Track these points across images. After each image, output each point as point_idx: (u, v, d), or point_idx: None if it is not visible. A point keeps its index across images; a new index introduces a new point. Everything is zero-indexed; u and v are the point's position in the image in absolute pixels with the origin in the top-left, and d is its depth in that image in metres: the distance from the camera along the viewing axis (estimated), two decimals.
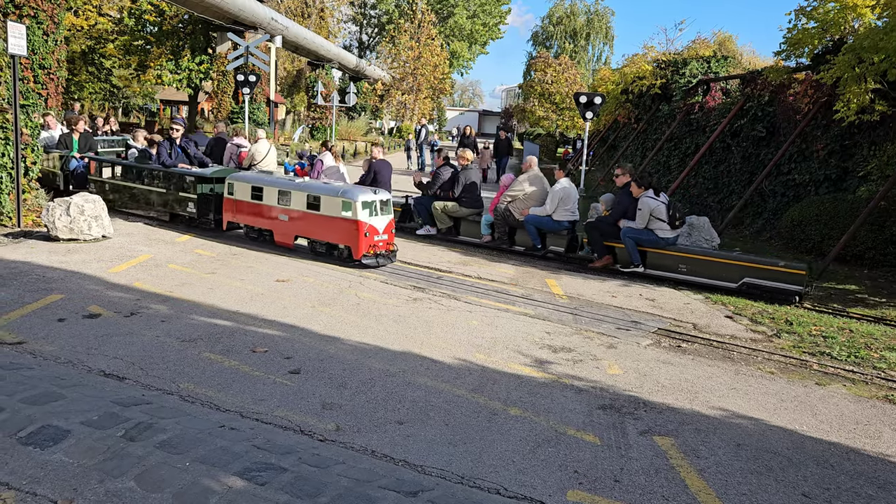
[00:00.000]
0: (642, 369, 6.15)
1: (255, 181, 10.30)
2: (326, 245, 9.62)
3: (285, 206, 9.83)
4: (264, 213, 10.14)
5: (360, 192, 9.28)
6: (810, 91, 13.92)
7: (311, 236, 9.78)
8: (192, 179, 11.01)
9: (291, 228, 9.90)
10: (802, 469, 4.39)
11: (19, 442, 3.74)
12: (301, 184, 9.86)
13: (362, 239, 9.21)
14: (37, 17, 11.23)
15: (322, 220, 9.49)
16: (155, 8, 32.43)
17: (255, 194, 10.19)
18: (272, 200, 9.98)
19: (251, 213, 10.33)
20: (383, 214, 9.41)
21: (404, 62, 49.96)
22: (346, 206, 9.19)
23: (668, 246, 9.70)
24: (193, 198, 10.99)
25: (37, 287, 7.26)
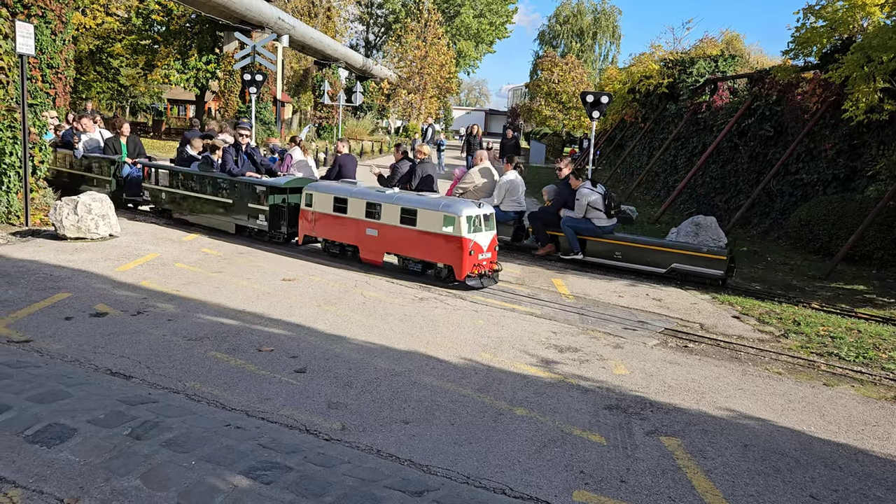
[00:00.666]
0: (649, 369, 6.13)
1: (338, 192, 9.47)
2: (422, 263, 8.86)
3: (374, 220, 9.01)
4: (349, 227, 9.35)
5: (463, 206, 8.40)
6: (818, 90, 13.85)
7: (403, 253, 9.00)
8: (262, 189, 10.30)
9: (381, 244, 9.09)
10: (810, 470, 4.37)
11: (26, 440, 3.75)
12: (394, 196, 9.02)
13: (466, 258, 8.33)
14: (45, 17, 11.28)
15: (418, 236, 8.66)
16: (162, 7, 32.54)
17: (338, 206, 9.39)
18: (359, 213, 9.17)
19: (333, 226, 9.56)
20: (487, 230, 8.60)
21: (411, 61, 49.96)
22: (447, 220, 8.36)
23: (605, 234, 10.40)
24: (264, 209, 10.29)
25: (44, 285, 7.28)
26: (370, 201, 9.10)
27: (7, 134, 10.01)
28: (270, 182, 10.32)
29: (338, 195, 9.43)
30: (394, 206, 8.86)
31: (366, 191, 9.44)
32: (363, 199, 9.17)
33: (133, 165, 12.51)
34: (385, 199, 8.98)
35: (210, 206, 11.03)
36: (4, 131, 9.98)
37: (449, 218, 8.36)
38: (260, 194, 10.35)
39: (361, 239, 9.27)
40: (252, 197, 10.46)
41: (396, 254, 9.12)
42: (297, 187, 10.25)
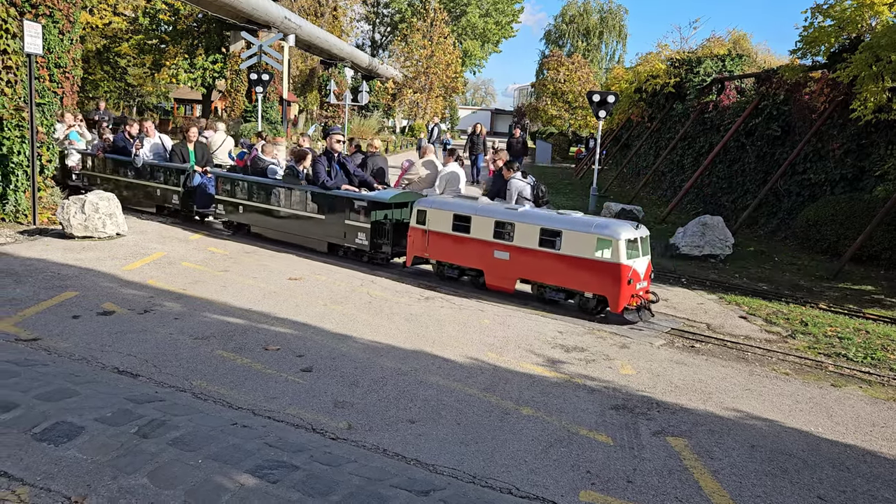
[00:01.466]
0: (655, 369, 6.11)
1: (460, 209, 8.46)
2: (565, 292, 7.86)
3: (505, 242, 8.00)
4: (472, 248, 8.34)
5: (621, 228, 7.44)
6: (826, 90, 13.79)
7: (541, 280, 7.92)
8: (362, 205, 9.32)
9: (513, 269, 8.05)
10: (818, 471, 4.35)
11: (34, 438, 3.77)
12: (531, 214, 8.08)
13: (624, 288, 7.29)
14: (52, 16, 11.30)
15: (562, 262, 7.61)
16: (169, 7, 32.63)
17: (458, 225, 8.40)
18: (485, 233, 8.17)
19: (451, 248, 8.55)
20: (643, 254, 7.61)
21: (417, 61, 49.93)
22: (602, 244, 7.34)
23: None
24: (364, 227, 9.32)
25: (52, 284, 7.31)
26: (500, 220, 8.08)
27: (15, 133, 10.05)
28: (373, 196, 9.36)
29: (459, 212, 8.44)
30: (531, 227, 7.84)
31: (494, 208, 8.51)
32: (491, 218, 8.16)
33: (203, 174, 11.54)
34: (520, 218, 7.98)
35: (297, 222, 10.07)
36: (12, 130, 10.02)
37: (604, 241, 7.34)
38: (359, 210, 9.35)
39: (488, 263, 8.24)
40: (349, 213, 9.45)
41: (532, 281, 8.06)
42: (403, 202, 9.41)
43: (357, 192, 9.53)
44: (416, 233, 8.83)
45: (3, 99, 9.91)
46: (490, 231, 8.14)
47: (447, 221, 8.52)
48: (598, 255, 7.39)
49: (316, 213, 9.85)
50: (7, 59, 9.82)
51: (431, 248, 8.74)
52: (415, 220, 8.82)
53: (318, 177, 9.66)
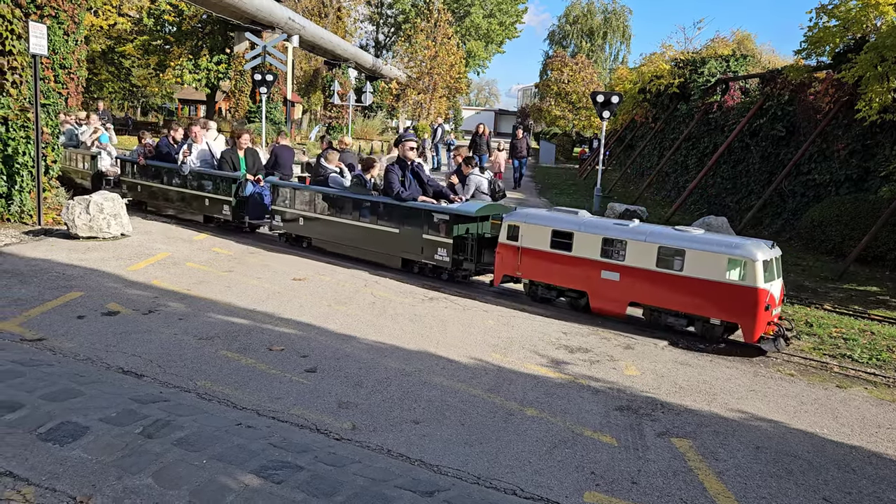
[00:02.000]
0: (660, 370, 6.10)
1: (559, 223, 7.76)
2: (686, 318, 7.07)
3: (615, 261, 7.28)
4: (573, 267, 7.61)
5: (756, 248, 6.64)
6: (831, 90, 13.76)
7: (658, 304, 7.17)
8: (443, 218, 8.63)
9: (624, 292, 7.31)
10: (823, 473, 4.34)
11: (39, 438, 3.78)
12: (646, 230, 7.30)
13: (761, 315, 6.51)
14: (57, 18, 11.32)
15: (685, 284, 6.86)
16: (174, 8, 32.70)
17: (558, 241, 7.68)
18: (590, 251, 7.44)
19: (548, 266, 7.83)
20: (778, 277, 6.90)
21: (420, 61, 49.93)
22: (734, 265, 6.60)
23: None
24: (445, 242, 8.62)
25: (57, 284, 7.33)
26: (609, 237, 7.36)
27: (20, 134, 10.08)
28: (456, 209, 8.65)
29: (559, 227, 7.70)
30: (646, 245, 7.09)
31: (601, 223, 7.80)
32: (598, 235, 7.42)
33: (256, 183, 11.04)
34: (633, 235, 7.25)
35: (366, 236, 9.44)
36: (17, 131, 10.05)
37: (737, 262, 6.58)
38: (439, 223, 8.66)
39: (593, 284, 7.50)
40: (428, 227, 8.77)
41: (646, 305, 7.33)
42: (487, 216, 8.84)
43: (435, 203, 8.87)
44: (507, 250, 8.11)
45: (8, 100, 9.94)
46: (596, 249, 7.40)
47: (544, 237, 7.78)
48: (730, 277, 6.62)
49: (389, 226, 9.19)
50: (12, 59, 9.85)
51: (524, 266, 8.02)
52: (505, 235, 8.12)
53: (392, 187, 8.97)
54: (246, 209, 11.03)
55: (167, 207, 12.18)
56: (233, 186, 10.93)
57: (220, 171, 11.17)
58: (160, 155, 12.17)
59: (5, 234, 9.53)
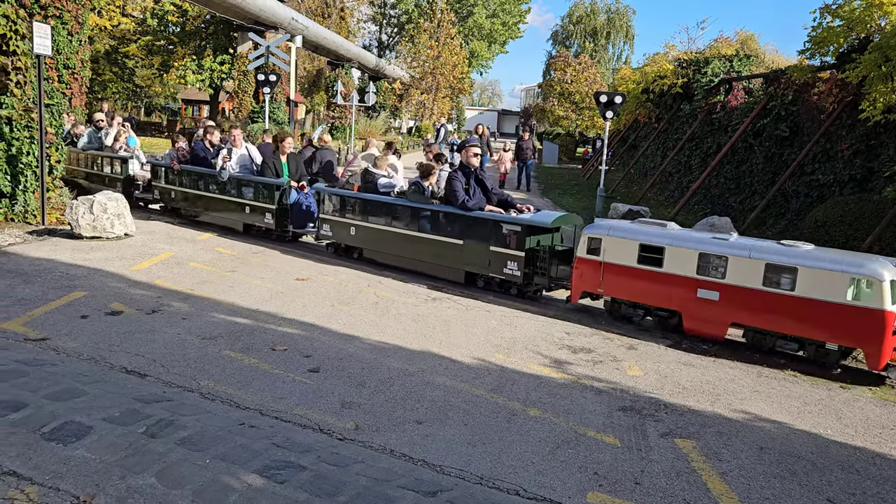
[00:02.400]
0: (663, 371, 6.09)
1: (647, 237, 7.21)
2: (797, 342, 6.52)
3: (713, 279, 6.72)
4: (664, 285, 7.06)
5: (882, 267, 6.06)
6: (835, 90, 13.72)
7: (764, 326, 6.61)
8: (515, 229, 8.07)
9: (724, 312, 6.73)
10: (827, 474, 4.33)
11: (43, 437, 3.78)
12: (750, 245, 6.73)
13: (888, 340, 5.95)
14: (61, 18, 11.35)
15: (797, 305, 6.31)
16: (178, 8, 32.77)
17: (646, 256, 7.15)
18: (684, 267, 6.89)
19: (634, 283, 7.29)
20: None
21: (423, 61, 49.99)
22: (856, 284, 6.03)
23: None
24: (516, 255, 8.04)
25: (60, 284, 7.34)
26: (707, 252, 6.79)
27: (24, 134, 10.10)
28: (529, 220, 8.06)
29: (648, 241, 7.16)
30: (751, 262, 6.54)
31: (695, 236, 7.25)
32: (693, 249, 6.88)
33: (300, 190, 10.60)
34: (735, 251, 6.67)
35: (425, 248, 8.90)
36: (22, 131, 10.07)
37: (860, 281, 6.01)
38: (509, 235, 8.13)
39: (687, 303, 6.95)
40: (497, 238, 8.23)
41: (750, 326, 6.76)
42: (558, 227, 8.33)
43: (503, 213, 8.32)
44: (587, 264, 7.57)
45: (12, 100, 9.97)
46: (692, 265, 6.85)
47: (630, 252, 7.24)
48: (851, 298, 6.06)
49: (452, 237, 8.65)
50: (16, 60, 9.88)
51: (607, 282, 7.46)
52: (585, 249, 7.58)
53: (456, 196, 8.44)
54: (290, 217, 10.59)
55: (203, 215, 11.68)
56: (276, 193, 10.45)
57: (262, 178, 10.67)
58: (196, 159, 11.70)
59: (9, 233, 9.56)
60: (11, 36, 9.71)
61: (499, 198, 8.64)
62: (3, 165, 9.95)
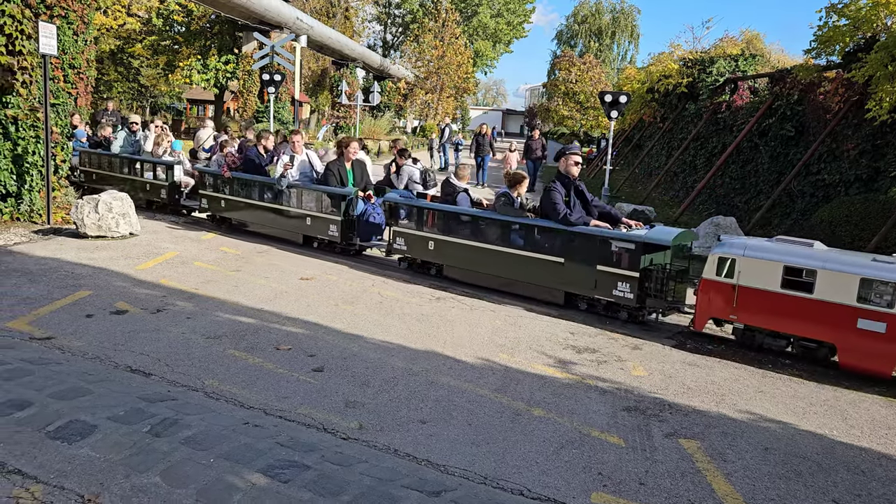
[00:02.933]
0: (667, 371, 6.08)
1: (793, 257, 6.43)
2: None
3: (879, 308, 5.90)
4: (815, 313, 6.26)
5: None
6: (841, 90, 13.68)
7: None
8: (627, 247, 7.31)
9: (892, 346, 5.91)
10: (832, 475, 4.31)
11: (47, 436, 3.79)
12: None
13: None
14: (67, 18, 11.38)
15: None
16: (183, 8, 32.83)
17: (791, 280, 6.37)
18: (841, 294, 6.08)
19: (777, 309, 6.50)
20: None
21: (428, 61, 49.98)
22: None
23: None
24: (630, 275, 7.27)
25: (65, 283, 7.36)
26: (870, 277, 5.96)
27: (30, 133, 10.14)
28: (646, 237, 7.26)
29: (795, 263, 6.38)
30: None
31: (854, 259, 6.41)
32: (853, 274, 6.04)
33: (368, 200, 9.96)
34: None
35: (520, 266, 8.11)
36: (27, 131, 10.11)
37: None
38: (620, 253, 7.35)
39: (845, 335, 6.13)
40: (605, 256, 7.44)
41: None
42: (683, 244, 7.52)
43: (611, 229, 7.54)
44: (717, 288, 6.82)
45: (18, 99, 10.00)
46: (851, 292, 6.03)
47: (773, 275, 6.44)
48: None
49: (550, 254, 7.86)
50: (22, 59, 9.91)
51: (742, 308, 6.69)
52: (714, 270, 6.83)
53: (557, 209, 7.70)
54: (356, 229, 9.88)
55: (257, 225, 10.99)
56: (342, 204, 9.72)
57: (326, 187, 9.89)
58: (248, 166, 10.95)
59: (15, 232, 9.59)
60: (17, 36, 9.73)
61: (600, 210, 7.90)
62: (9, 165, 9.99)
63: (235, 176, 10.96)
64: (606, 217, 7.85)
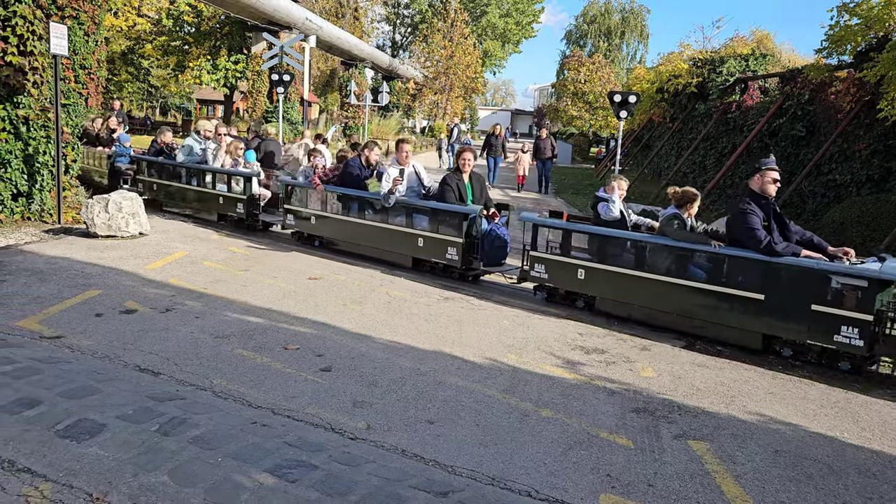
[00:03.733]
0: (676, 372, 6.05)
1: None
2: None
3: None
4: None
5: None
6: (852, 89, 13.58)
7: None
8: (855, 283, 6.09)
9: None
10: (843, 477, 4.27)
11: (57, 435, 3.81)
12: None
13: None
14: (78, 18, 11.45)
15: None
16: (193, 9, 32.98)
17: None
18: None
19: None
20: None
21: (437, 61, 50.04)
22: None
23: None
24: (861, 319, 6.05)
25: (76, 282, 7.40)
26: None
27: (41, 133, 10.20)
28: (879, 273, 5.98)
29: None
30: None
31: None
32: None
33: (492, 220, 8.89)
34: None
35: (701, 301, 7.00)
36: (38, 131, 10.17)
37: None
38: (843, 291, 6.17)
39: None
40: (821, 294, 6.25)
41: None
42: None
43: (825, 260, 6.31)
44: None
45: (29, 100, 10.06)
46: None
47: None
48: None
49: (743, 289, 6.70)
50: (33, 60, 9.97)
51: None
52: None
53: (757, 235, 6.49)
54: (479, 252, 8.78)
55: (356, 245, 9.98)
56: (464, 224, 8.63)
57: (445, 204, 8.76)
58: (348, 179, 9.84)
59: (25, 232, 9.64)
60: (28, 36, 9.79)
61: (799, 237, 6.73)
62: (21, 165, 10.04)
63: (332, 190, 9.99)
64: (809, 245, 6.61)
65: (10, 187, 9.98)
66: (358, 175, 9.78)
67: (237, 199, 11.43)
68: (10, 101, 9.85)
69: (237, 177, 11.47)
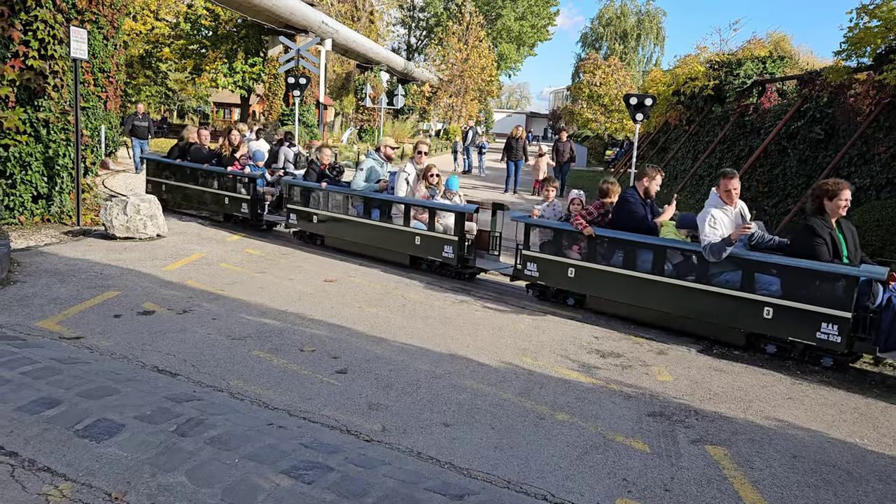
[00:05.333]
0: (693, 376, 6.00)
1: None
2: None
3: None
4: None
5: None
6: (872, 92, 13.43)
7: None
8: None
9: None
10: (863, 484, 4.22)
11: (76, 434, 3.84)
12: None
13: None
14: (97, 23, 11.59)
15: None
16: (210, 13, 33.26)
17: None
18: None
19: None
20: None
21: (452, 64, 50.06)
22: None
23: None
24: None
25: (94, 284, 7.47)
26: None
27: (61, 136, 10.31)
28: None
29: None
30: None
31: None
32: None
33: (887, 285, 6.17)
34: None
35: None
36: (58, 134, 10.28)
37: None
38: None
39: None
40: None
41: None
42: None
43: None
44: None
45: (49, 103, 10.18)
46: None
47: None
48: None
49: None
50: (53, 64, 10.10)
51: None
52: None
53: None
54: (874, 330, 5.99)
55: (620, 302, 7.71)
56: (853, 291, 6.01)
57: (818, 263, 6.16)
58: (626, 218, 7.57)
59: (46, 234, 9.75)
60: (49, 41, 9.92)
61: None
62: (41, 167, 10.17)
63: (604, 235, 7.83)
64: None
65: (30, 189, 10.10)
66: (637, 214, 7.59)
67: (450, 241, 8.99)
68: (31, 104, 9.98)
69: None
